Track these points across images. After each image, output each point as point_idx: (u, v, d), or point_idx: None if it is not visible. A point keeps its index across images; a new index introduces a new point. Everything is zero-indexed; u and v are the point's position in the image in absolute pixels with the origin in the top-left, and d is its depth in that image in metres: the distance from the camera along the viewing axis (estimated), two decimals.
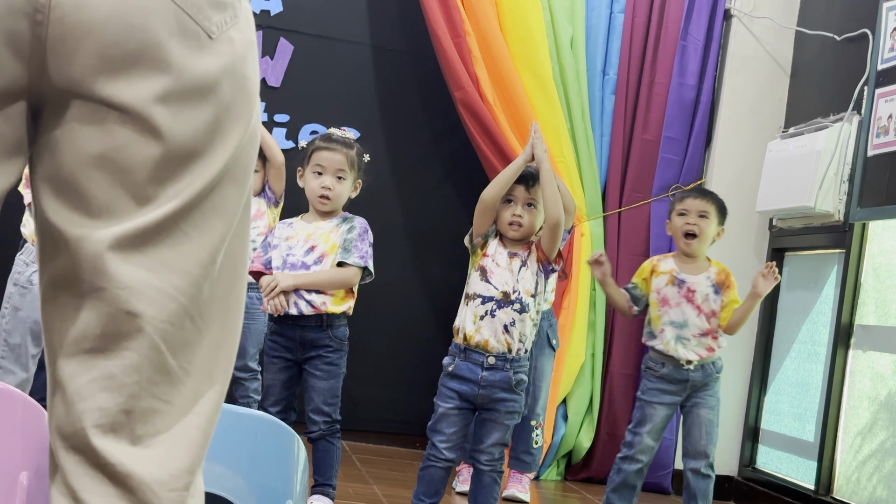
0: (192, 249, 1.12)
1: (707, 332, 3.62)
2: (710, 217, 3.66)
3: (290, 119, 5.03)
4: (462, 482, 4.12)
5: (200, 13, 1.09)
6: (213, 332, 1.17)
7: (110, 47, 1.05)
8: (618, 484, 3.66)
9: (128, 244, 1.09)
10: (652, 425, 3.63)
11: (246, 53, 1.15)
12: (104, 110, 1.07)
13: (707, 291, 3.64)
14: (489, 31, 4.79)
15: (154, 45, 1.06)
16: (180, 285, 1.12)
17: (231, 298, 1.19)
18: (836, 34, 4.61)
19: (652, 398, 3.64)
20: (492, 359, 3.21)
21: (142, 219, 1.09)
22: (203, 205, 1.12)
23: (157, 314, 1.11)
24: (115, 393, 1.11)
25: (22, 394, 1.50)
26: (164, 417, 1.13)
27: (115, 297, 1.10)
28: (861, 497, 4.01)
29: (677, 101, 5.01)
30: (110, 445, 1.11)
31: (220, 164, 1.13)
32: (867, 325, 4.17)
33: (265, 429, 1.93)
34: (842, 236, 4.33)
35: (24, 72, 1.06)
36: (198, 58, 1.09)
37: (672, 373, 3.62)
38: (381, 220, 4.50)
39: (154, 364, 1.12)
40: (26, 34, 1.04)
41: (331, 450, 3.34)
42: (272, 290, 3.27)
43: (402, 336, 5.16)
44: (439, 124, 5.15)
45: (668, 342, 3.62)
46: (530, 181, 3.27)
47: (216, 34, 1.11)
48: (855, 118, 4.34)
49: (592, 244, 4.91)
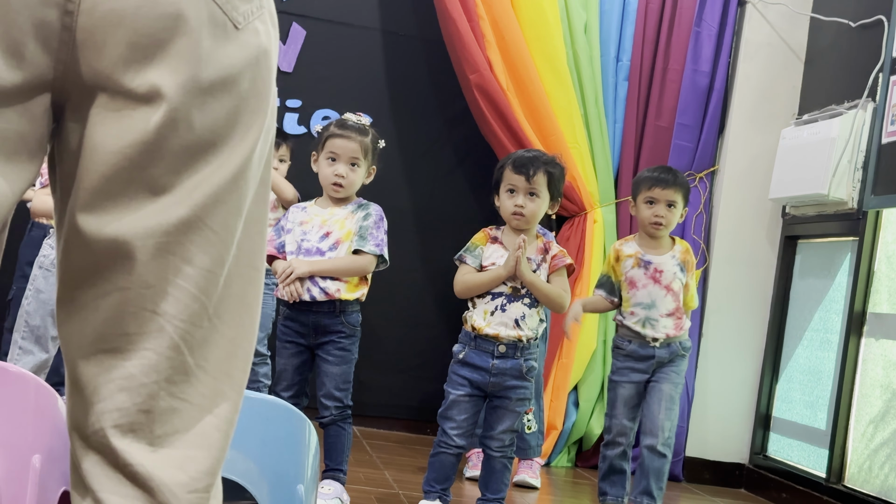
0: (215, 247, 1.11)
1: (674, 311, 3.61)
2: (678, 205, 3.63)
3: (303, 104, 5.03)
4: (472, 468, 4.12)
5: (228, 3, 1.08)
6: (231, 330, 1.15)
7: (141, 36, 1.04)
8: (605, 471, 3.65)
9: (151, 241, 1.08)
10: (623, 405, 3.62)
11: (269, 47, 1.13)
12: (131, 102, 1.05)
13: (674, 270, 3.62)
14: (503, 15, 4.77)
15: (184, 34, 1.05)
16: (202, 284, 1.11)
17: (248, 295, 1.17)
18: (851, 20, 4.58)
19: (620, 377, 3.63)
20: (502, 347, 3.22)
21: (165, 215, 1.08)
22: (226, 200, 1.11)
23: (179, 313, 1.10)
24: (133, 393, 1.10)
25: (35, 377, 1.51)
26: (182, 417, 1.12)
27: (139, 296, 1.09)
28: (873, 485, 4.00)
29: (691, 88, 4.99)
30: (130, 446, 1.10)
31: (239, 157, 1.11)
32: (880, 312, 4.15)
33: (277, 413, 1.94)
34: (855, 224, 4.31)
35: (50, 65, 1.04)
36: (224, 48, 1.08)
37: (638, 349, 3.60)
38: (392, 206, 4.49)
39: (173, 364, 1.11)
40: (55, 25, 1.02)
41: (342, 435, 3.34)
42: (288, 276, 3.27)
43: (414, 322, 5.16)
44: (451, 110, 5.14)
45: (636, 322, 3.61)
46: (531, 170, 3.26)
47: (242, 25, 1.09)
48: (869, 105, 4.31)
49: (605, 231, 4.90)
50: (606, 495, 3.65)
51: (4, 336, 4.15)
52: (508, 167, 3.31)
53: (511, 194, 3.29)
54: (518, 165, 3.29)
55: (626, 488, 3.65)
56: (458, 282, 3.30)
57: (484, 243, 3.33)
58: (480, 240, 3.34)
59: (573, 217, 4.92)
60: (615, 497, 3.64)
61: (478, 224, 3.46)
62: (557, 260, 3.31)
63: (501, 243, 3.32)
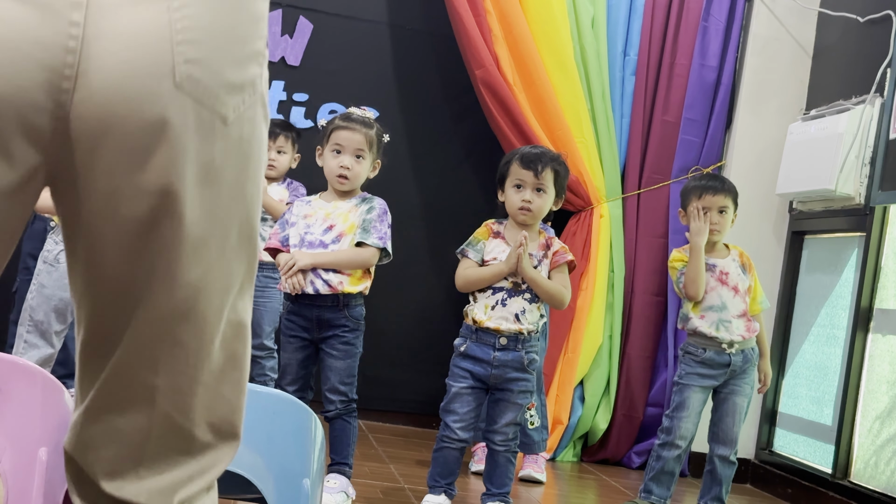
0: (205, 326, 1.17)
1: (744, 312, 3.66)
2: (729, 210, 3.70)
3: (309, 98, 5.03)
4: (477, 462, 4.13)
5: (216, 100, 1.09)
6: (223, 386, 1.21)
7: (129, 141, 1.06)
8: (657, 471, 3.66)
9: (155, 324, 1.15)
10: (691, 410, 3.65)
11: (257, 138, 1.17)
12: (123, 200, 1.09)
13: (738, 271, 3.70)
14: (510, 10, 4.77)
15: (171, 139, 1.07)
16: (191, 360, 1.17)
17: (236, 351, 1.23)
18: (859, 16, 4.57)
19: (691, 382, 3.65)
20: (503, 339, 3.23)
21: (163, 299, 1.13)
22: (212, 288, 1.16)
23: (171, 384, 1.16)
24: (121, 446, 1.17)
25: (42, 371, 1.51)
26: (171, 464, 1.19)
27: (132, 368, 1.15)
28: (879, 481, 4.00)
29: (698, 83, 4.98)
30: (118, 488, 1.17)
31: (222, 241, 1.16)
32: (887, 308, 4.15)
33: (283, 407, 1.94)
34: (862, 219, 4.30)
35: (42, 161, 1.07)
36: (212, 145, 1.10)
37: (714, 357, 3.63)
38: (399, 200, 4.50)
39: (164, 426, 1.17)
40: (46, 129, 1.04)
41: (347, 429, 3.35)
42: (290, 268, 3.27)
43: (420, 316, 5.16)
44: (458, 104, 5.13)
45: (710, 326, 3.63)
46: (539, 166, 3.27)
47: (232, 118, 1.11)
48: (877, 101, 4.30)
49: (612, 226, 4.90)
50: (651, 493, 3.66)
51: (10, 328, 4.17)
52: (516, 162, 3.31)
53: (518, 189, 3.29)
54: (526, 161, 3.29)
55: (670, 490, 3.67)
56: (459, 276, 3.31)
57: (486, 237, 3.33)
58: (482, 234, 3.34)
59: (580, 212, 4.91)
60: (660, 497, 3.66)
61: (485, 218, 3.46)
62: (559, 256, 3.31)
63: (503, 238, 3.32)
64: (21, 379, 1.44)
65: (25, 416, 1.43)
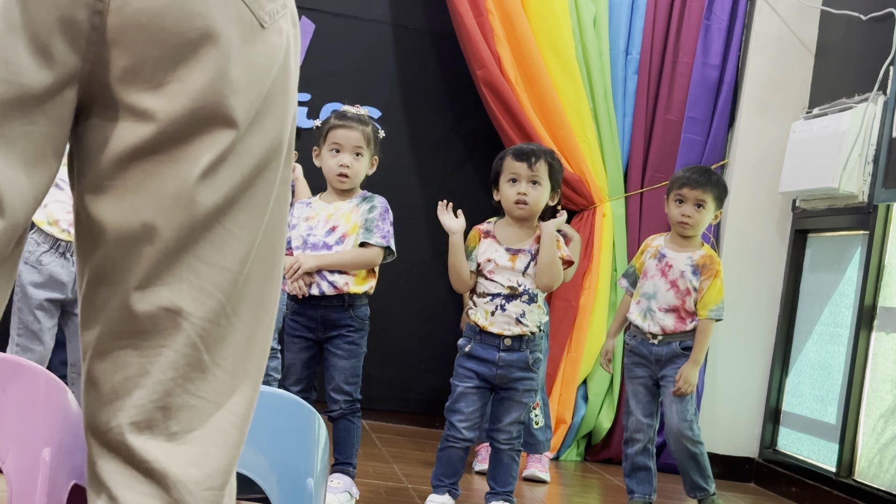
0: (233, 247, 1.11)
1: (676, 308, 3.60)
2: (707, 206, 3.62)
3: (312, 98, 5.03)
4: (481, 462, 4.13)
5: (255, 2, 1.08)
6: (248, 327, 1.15)
7: (170, 36, 1.03)
8: (628, 469, 3.67)
9: (172, 242, 1.08)
10: (636, 401, 3.63)
11: (290, 47, 1.13)
12: (157, 101, 1.05)
13: (683, 269, 3.62)
14: (512, 9, 4.77)
15: (213, 34, 1.05)
16: (220, 283, 1.11)
17: (266, 292, 1.18)
18: (862, 13, 4.57)
19: (629, 374, 3.68)
20: (508, 340, 3.23)
21: (183, 215, 1.08)
22: (243, 200, 1.11)
23: (196, 311, 1.10)
24: (150, 390, 1.10)
25: (45, 371, 1.51)
26: (199, 414, 1.12)
27: (156, 294, 1.09)
28: (883, 480, 3.99)
29: (700, 81, 4.97)
30: (146, 443, 1.10)
31: (256, 157, 1.11)
32: (891, 306, 4.14)
33: (286, 407, 1.94)
34: (866, 218, 4.29)
35: (78, 65, 1.03)
36: (251, 48, 1.08)
37: (639, 346, 3.63)
38: (402, 199, 4.50)
39: (190, 361, 1.11)
40: (85, 25, 1.02)
41: (351, 429, 3.35)
42: (295, 271, 3.28)
43: (423, 315, 5.16)
44: (460, 103, 5.13)
45: (639, 314, 3.62)
46: (532, 158, 3.27)
47: (268, 24, 1.09)
48: (880, 98, 4.30)
49: (614, 224, 4.89)
50: (634, 493, 3.66)
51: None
52: (509, 157, 3.32)
53: (513, 183, 3.28)
54: (520, 154, 3.30)
55: (653, 485, 3.66)
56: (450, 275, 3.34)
57: (476, 242, 3.33)
58: (472, 240, 3.34)
59: (582, 211, 4.91)
60: (643, 495, 3.65)
61: (487, 217, 3.46)
62: None
63: (494, 237, 3.32)
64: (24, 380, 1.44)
65: (29, 417, 1.43)
